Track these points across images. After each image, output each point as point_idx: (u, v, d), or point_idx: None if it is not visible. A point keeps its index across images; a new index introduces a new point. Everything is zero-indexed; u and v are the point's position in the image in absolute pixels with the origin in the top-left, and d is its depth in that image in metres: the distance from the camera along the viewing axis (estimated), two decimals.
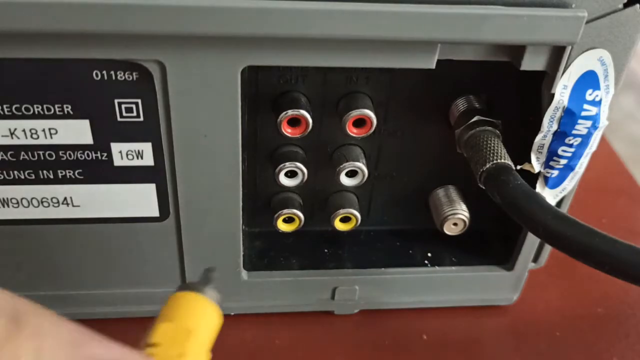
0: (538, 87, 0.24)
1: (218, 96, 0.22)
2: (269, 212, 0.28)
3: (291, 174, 0.27)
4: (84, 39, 0.20)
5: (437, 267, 0.30)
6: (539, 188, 0.26)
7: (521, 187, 0.22)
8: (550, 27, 0.21)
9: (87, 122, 0.23)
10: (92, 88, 0.22)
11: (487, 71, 0.25)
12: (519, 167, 0.25)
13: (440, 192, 0.29)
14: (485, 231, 0.31)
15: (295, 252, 0.30)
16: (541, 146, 0.24)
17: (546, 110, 0.23)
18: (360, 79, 0.25)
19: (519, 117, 0.26)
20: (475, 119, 0.25)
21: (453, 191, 0.29)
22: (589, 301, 0.33)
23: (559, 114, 0.23)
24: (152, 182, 0.25)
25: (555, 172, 0.25)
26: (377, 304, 0.31)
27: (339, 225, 0.29)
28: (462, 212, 0.28)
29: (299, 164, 0.26)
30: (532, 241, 0.29)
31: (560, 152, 0.24)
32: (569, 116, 0.23)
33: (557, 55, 0.22)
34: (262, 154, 0.27)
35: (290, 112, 0.24)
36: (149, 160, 0.24)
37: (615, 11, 0.21)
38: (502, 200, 0.23)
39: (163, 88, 0.22)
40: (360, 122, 0.25)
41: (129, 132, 0.23)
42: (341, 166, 0.26)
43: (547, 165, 0.25)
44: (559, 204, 0.27)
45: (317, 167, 0.28)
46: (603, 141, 0.41)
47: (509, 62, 0.23)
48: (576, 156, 0.25)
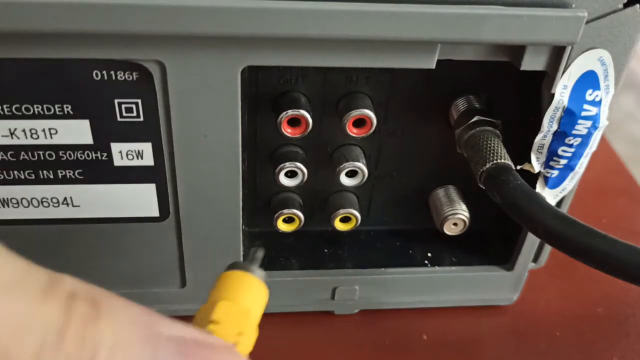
0: (538, 87, 0.24)
1: (218, 96, 0.22)
2: (269, 212, 0.28)
3: (291, 174, 0.27)
4: (84, 39, 0.20)
5: (437, 267, 0.30)
6: (539, 188, 0.26)
7: (521, 187, 0.22)
8: (550, 27, 0.21)
9: (87, 122, 0.23)
10: (92, 88, 0.22)
11: (487, 71, 0.25)
12: (519, 167, 0.25)
13: (440, 192, 0.29)
14: (485, 231, 0.31)
15: (295, 252, 0.30)
16: (541, 146, 0.24)
17: (546, 110, 0.23)
18: (360, 79, 0.25)
19: (519, 117, 0.26)
20: (475, 119, 0.25)
21: (453, 191, 0.29)
22: (589, 301, 0.33)
23: (559, 114, 0.23)
24: (152, 182, 0.25)
25: (555, 172, 0.25)
26: (377, 304, 0.31)
27: (339, 225, 0.29)
28: (462, 212, 0.28)
29: (299, 164, 0.26)
30: (532, 241, 0.29)
31: (560, 152, 0.24)
32: (569, 116, 0.23)
33: (557, 55, 0.22)
34: (262, 154, 0.27)
35: (290, 112, 0.24)
36: (149, 160, 0.24)
37: (615, 11, 0.21)
38: (502, 200, 0.23)
39: (163, 88, 0.22)
40: (360, 122, 0.25)
41: (129, 132, 0.23)
42: (341, 166, 0.26)
43: (547, 165, 0.25)
44: (559, 204, 0.27)
45: (317, 167, 0.28)
46: (603, 141, 0.41)
47: (509, 62, 0.23)
48: (576, 156, 0.25)
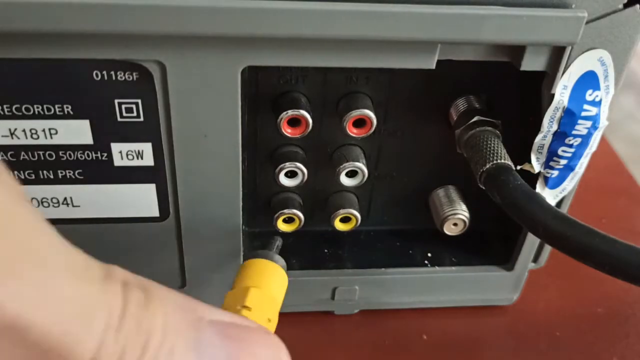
0: (538, 87, 0.24)
1: (218, 96, 0.22)
2: (269, 212, 0.28)
3: (291, 174, 0.27)
4: (84, 39, 0.20)
5: (437, 267, 0.30)
6: (539, 188, 0.26)
7: (521, 187, 0.22)
8: (550, 27, 0.21)
9: (87, 122, 0.23)
10: (92, 88, 0.22)
11: (487, 71, 0.25)
12: (519, 167, 0.25)
13: (440, 192, 0.29)
14: (485, 231, 0.31)
15: (295, 252, 0.30)
16: (541, 146, 0.24)
17: (546, 110, 0.23)
18: (360, 79, 0.25)
19: (519, 117, 0.26)
20: (475, 119, 0.25)
21: (453, 191, 0.29)
22: (589, 301, 0.33)
23: (559, 114, 0.23)
24: (152, 182, 0.25)
25: (555, 173, 0.25)
26: (377, 304, 0.31)
27: (339, 225, 0.29)
28: (462, 212, 0.28)
29: (299, 164, 0.26)
30: (532, 241, 0.29)
31: (560, 152, 0.24)
32: (569, 116, 0.23)
33: (557, 55, 0.22)
34: (262, 154, 0.27)
35: (290, 112, 0.24)
36: (149, 161, 0.24)
37: (615, 11, 0.21)
38: (502, 200, 0.23)
39: (163, 88, 0.22)
40: (360, 122, 0.25)
41: (129, 132, 0.23)
42: (341, 166, 0.26)
43: (547, 165, 0.25)
44: (559, 204, 0.27)
45: (317, 167, 0.28)
46: (603, 141, 0.41)
47: (509, 62, 0.23)
48: (576, 156, 0.25)
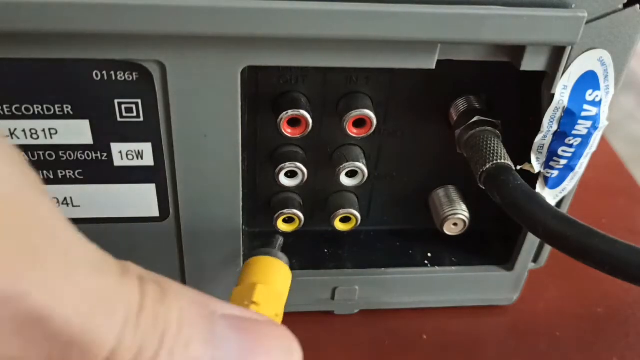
0: (538, 87, 0.24)
1: (218, 96, 0.22)
2: (269, 212, 0.28)
3: (291, 174, 0.27)
4: (84, 39, 0.20)
5: (437, 267, 0.30)
6: (539, 188, 0.26)
7: (521, 187, 0.22)
8: (550, 27, 0.21)
9: (87, 122, 0.23)
10: (92, 88, 0.22)
11: (487, 71, 0.25)
12: (519, 167, 0.25)
13: (440, 192, 0.29)
14: (485, 231, 0.31)
15: (295, 252, 0.30)
16: (541, 146, 0.24)
17: (546, 110, 0.23)
18: (360, 79, 0.25)
19: (519, 117, 0.26)
20: (475, 119, 0.25)
21: (453, 191, 0.29)
22: (589, 301, 0.33)
23: (559, 114, 0.23)
24: (152, 182, 0.25)
25: (555, 173, 0.25)
26: (377, 304, 0.31)
27: (339, 225, 0.29)
28: (462, 212, 0.28)
29: (299, 164, 0.26)
30: (532, 241, 0.29)
31: (560, 152, 0.24)
32: (569, 116, 0.23)
33: (557, 55, 0.22)
34: (262, 154, 0.27)
35: (290, 112, 0.24)
36: (149, 161, 0.24)
37: (615, 11, 0.21)
38: (502, 200, 0.23)
39: (163, 88, 0.22)
40: (360, 122, 0.25)
41: (129, 132, 0.23)
42: (341, 166, 0.26)
43: (547, 165, 0.25)
44: (559, 204, 0.27)
45: (317, 167, 0.28)
46: (603, 141, 0.41)
47: (509, 62, 0.23)
48: (576, 156, 0.25)
